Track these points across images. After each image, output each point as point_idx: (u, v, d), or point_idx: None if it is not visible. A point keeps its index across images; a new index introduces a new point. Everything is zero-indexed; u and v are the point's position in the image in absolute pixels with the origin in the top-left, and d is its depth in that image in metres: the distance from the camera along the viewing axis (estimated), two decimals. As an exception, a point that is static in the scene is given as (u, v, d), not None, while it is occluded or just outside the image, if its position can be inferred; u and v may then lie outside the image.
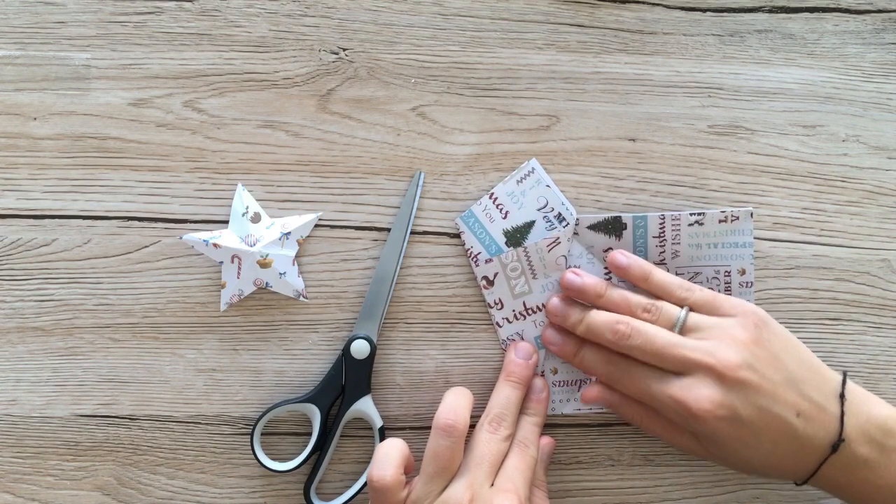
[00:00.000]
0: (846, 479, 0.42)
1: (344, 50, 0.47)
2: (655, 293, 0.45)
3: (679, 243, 0.47)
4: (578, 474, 0.48)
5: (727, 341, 0.41)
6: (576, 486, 0.48)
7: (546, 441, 0.46)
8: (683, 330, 0.43)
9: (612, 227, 0.47)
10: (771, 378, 0.41)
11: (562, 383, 0.47)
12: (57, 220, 0.46)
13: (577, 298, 0.46)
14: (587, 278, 0.46)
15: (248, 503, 0.47)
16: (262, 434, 0.46)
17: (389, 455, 0.42)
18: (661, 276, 0.45)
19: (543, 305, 0.47)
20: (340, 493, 0.46)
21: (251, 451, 0.46)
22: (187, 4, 0.47)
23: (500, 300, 0.47)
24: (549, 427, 0.48)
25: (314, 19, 0.47)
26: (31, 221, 0.46)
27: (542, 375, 0.47)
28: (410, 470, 0.43)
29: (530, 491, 0.43)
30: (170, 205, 0.47)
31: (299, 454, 0.46)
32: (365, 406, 0.46)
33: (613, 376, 0.44)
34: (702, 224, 0.47)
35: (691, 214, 0.47)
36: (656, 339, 0.42)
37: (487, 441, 0.43)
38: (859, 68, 0.49)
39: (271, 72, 0.47)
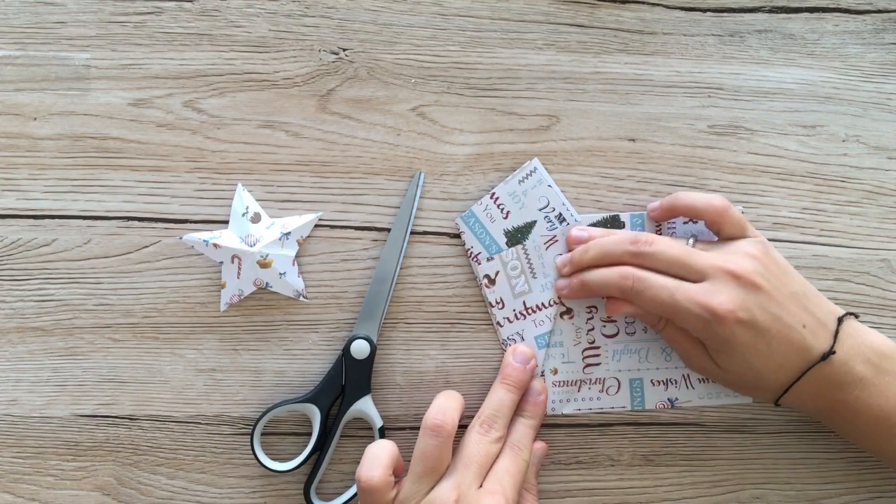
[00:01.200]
0: (841, 396, 0.42)
1: (344, 50, 0.47)
2: None
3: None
4: (578, 474, 0.48)
5: (739, 254, 0.43)
6: (576, 486, 0.48)
7: (539, 445, 0.46)
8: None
9: (611, 225, 0.47)
10: (780, 289, 0.42)
11: (562, 383, 0.47)
12: (57, 220, 0.46)
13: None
14: (593, 230, 0.46)
15: (248, 503, 0.47)
16: (262, 434, 0.46)
17: (378, 456, 0.42)
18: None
19: (543, 305, 0.47)
20: (340, 493, 0.46)
21: (251, 451, 0.46)
22: (187, 4, 0.47)
23: (501, 299, 0.47)
24: (549, 427, 0.48)
25: (314, 19, 0.47)
26: (31, 221, 0.46)
27: (542, 376, 0.47)
28: (400, 471, 0.43)
29: (520, 495, 0.43)
30: (170, 205, 0.47)
31: (299, 454, 0.46)
32: (365, 406, 0.46)
33: (631, 288, 0.43)
34: (696, 222, 0.47)
35: None
36: (673, 247, 0.43)
37: (477, 442, 0.43)
38: (859, 68, 0.49)
39: (271, 72, 0.47)
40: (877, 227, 0.49)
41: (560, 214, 0.47)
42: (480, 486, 0.42)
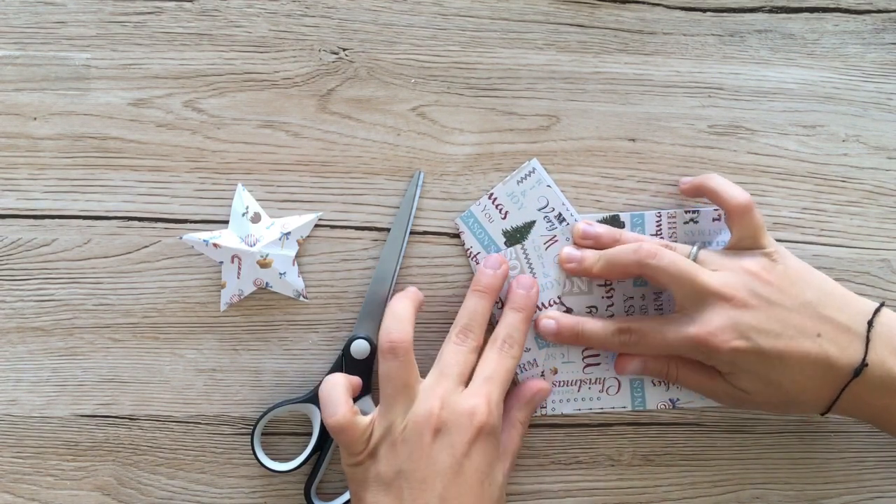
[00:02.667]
0: (885, 401, 0.41)
1: (344, 50, 0.47)
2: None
3: (676, 241, 0.47)
4: (578, 474, 0.48)
5: (738, 271, 0.42)
6: (576, 486, 0.48)
7: (540, 385, 0.46)
8: (696, 262, 0.44)
9: (611, 225, 0.47)
10: (783, 303, 0.41)
11: (562, 383, 0.47)
12: (57, 220, 0.46)
13: (592, 248, 0.46)
14: (599, 227, 0.46)
15: (248, 503, 0.47)
16: (262, 434, 0.46)
17: (332, 395, 0.41)
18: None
19: (543, 305, 0.47)
20: (341, 493, 0.46)
21: (251, 451, 0.46)
22: (187, 4, 0.47)
23: (500, 299, 0.47)
24: (549, 427, 0.48)
25: (314, 19, 0.47)
26: (31, 221, 0.46)
27: (543, 376, 0.47)
28: (358, 390, 0.44)
29: (506, 421, 0.43)
30: (170, 205, 0.47)
31: (299, 454, 0.46)
32: (365, 406, 0.46)
33: (624, 340, 0.44)
34: (696, 222, 0.47)
35: (686, 212, 0.47)
36: (679, 262, 0.42)
37: (454, 352, 0.42)
38: (859, 68, 0.49)
39: (271, 72, 0.47)
40: (877, 227, 0.49)
41: (560, 214, 0.47)
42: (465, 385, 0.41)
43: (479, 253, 0.47)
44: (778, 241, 0.48)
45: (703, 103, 0.48)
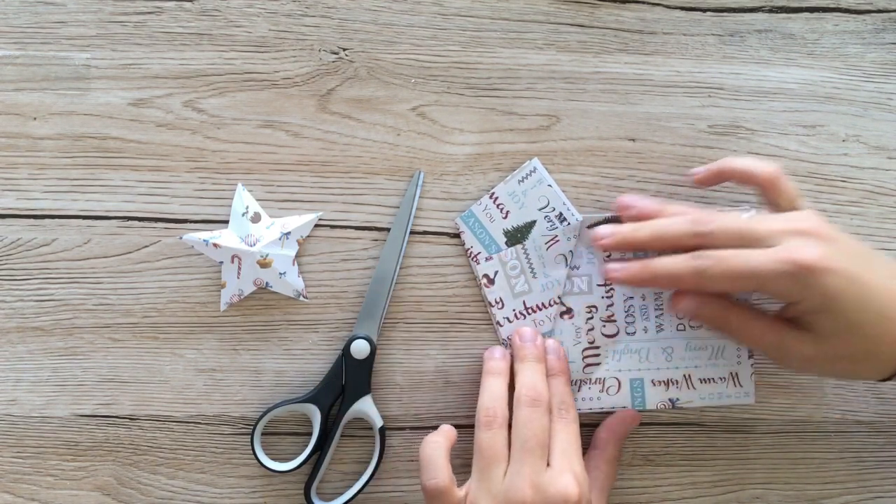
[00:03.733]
0: None
1: (344, 50, 0.47)
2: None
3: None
4: (578, 474, 0.48)
5: (802, 218, 0.41)
6: (576, 486, 0.48)
7: (632, 417, 0.46)
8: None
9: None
10: (853, 246, 0.41)
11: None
12: (57, 220, 0.46)
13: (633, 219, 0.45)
14: (642, 202, 0.45)
15: (248, 503, 0.47)
16: (262, 434, 0.46)
17: (433, 459, 0.42)
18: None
19: (543, 305, 0.47)
20: (341, 493, 0.46)
21: (251, 451, 0.46)
22: (187, 4, 0.47)
23: (500, 299, 0.47)
24: (549, 427, 0.48)
25: (314, 19, 0.47)
26: (31, 221, 0.46)
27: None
28: (454, 443, 0.44)
29: (599, 464, 0.44)
30: (170, 205, 0.47)
31: (299, 454, 0.46)
32: (365, 406, 0.46)
33: (704, 269, 0.40)
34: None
35: None
36: (738, 220, 0.41)
37: (529, 419, 0.42)
38: (859, 68, 0.49)
39: (271, 72, 0.47)
40: (877, 227, 0.49)
41: (560, 214, 0.47)
42: (547, 464, 0.41)
43: (479, 252, 0.47)
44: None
45: (703, 103, 0.48)
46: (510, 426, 0.43)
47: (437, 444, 0.43)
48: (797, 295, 0.39)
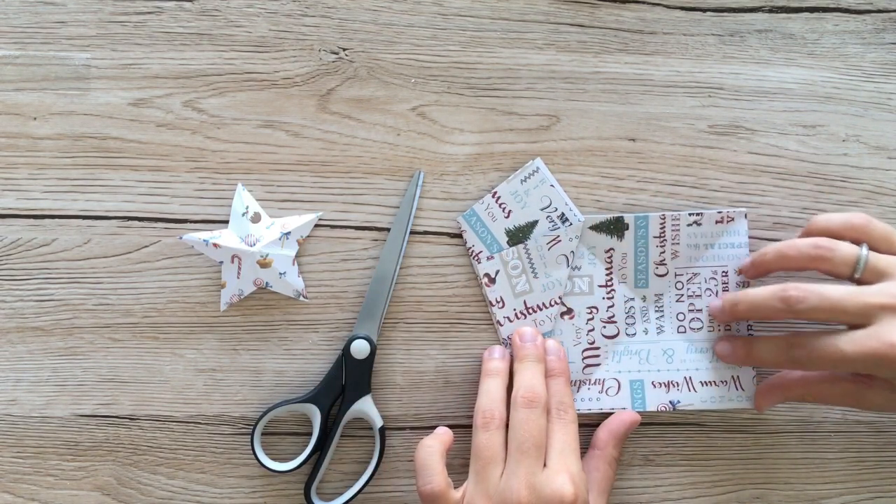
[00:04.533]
0: None
1: (344, 50, 0.47)
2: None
3: (678, 243, 0.47)
4: (578, 474, 0.48)
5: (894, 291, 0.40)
6: (576, 486, 0.48)
7: (632, 419, 0.46)
8: (866, 270, 0.41)
9: (615, 227, 0.47)
10: None
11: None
12: (57, 220, 0.46)
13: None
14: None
15: (248, 503, 0.47)
16: (262, 434, 0.46)
17: (427, 463, 0.42)
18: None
19: (544, 305, 0.47)
20: (341, 493, 0.46)
21: (251, 451, 0.46)
22: (187, 4, 0.47)
23: (501, 298, 0.47)
24: (549, 427, 0.48)
25: (314, 19, 0.47)
26: (31, 221, 0.46)
27: None
28: (450, 448, 0.44)
29: (598, 464, 0.44)
30: (170, 205, 0.47)
31: (299, 454, 0.46)
32: (365, 406, 0.46)
33: (797, 357, 0.42)
34: (700, 224, 0.47)
35: (690, 214, 0.47)
36: (832, 293, 0.40)
37: (526, 420, 0.42)
38: (859, 68, 0.49)
39: (271, 72, 0.47)
40: (877, 227, 0.49)
41: (562, 214, 0.47)
42: (544, 464, 0.41)
43: (480, 252, 0.47)
44: (778, 241, 0.48)
45: (703, 103, 0.48)
46: (508, 427, 0.43)
47: (432, 449, 0.43)
48: (888, 374, 0.40)
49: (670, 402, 0.47)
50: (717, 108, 0.48)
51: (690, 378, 0.47)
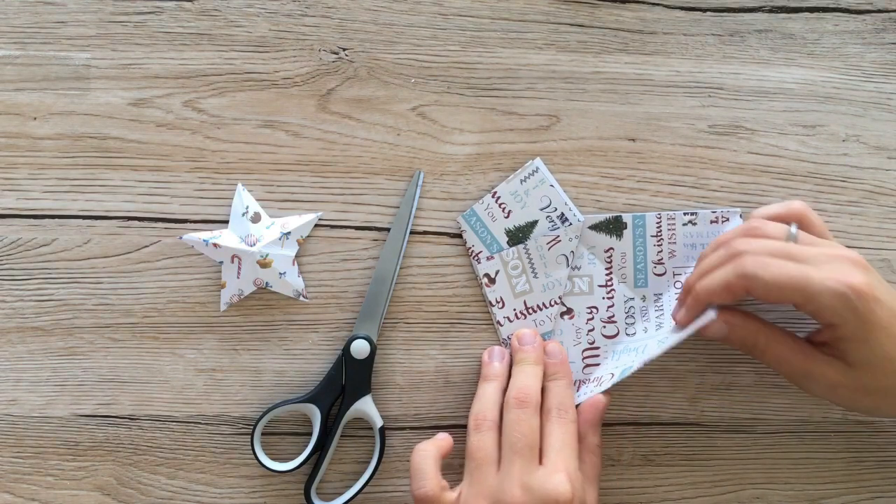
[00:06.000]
0: None
1: (344, 50, 0.47)
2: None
3: (675, 243, 0.47)
4: (578, 474, 0.48)
5: (845, 249, 0.40)
6: (576, 486, 0.48)
7: (599, 401, 0.45)
8: (798, 240, 0.41)
9: (613, 226, 0.47)
10: (889, 286, 0.40)
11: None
12: (57, 220, 0.46)
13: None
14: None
15: (248, 503, 0.47)
16: (262, 434, 0.46)
17: (422, 468, 0.42)
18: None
19: (544, 304, 0.47)
20: (341, 493, 0.46)
21: (251, 451, 0.46)
22: (187, 4, 0.47)
23: (501, 298, 0.47)
24: (549, 427, 0.48)
25: (314, 19, 0.47)
26: (31, 221, 0.46)
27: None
28: (448, 454, 0.44)
29: (582, 455, 0.43)
30: (170, 205, 0.47)
31: (299, 454, 0.46)
32: (365, 406, 0.46)
33: (754, 273, 0.39)
34: (695, 224, 0.47)
35: (685, 214, 0.47)
36: (781, 242, 0.40)
37: (517, 420, 0.42)
38: (859, 68, 0.49)
39: (271, 72, 0.47)
40: (877, 227, 0.49)
41: (562, 214, 0.47)
42: (540, 462, 0.41)
43: (480, 252, 0.47)
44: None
45: (703, 103, 0.48)
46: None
47: (426, 453, 0.43)
48: (840, 317, 0.38)
49: None
50: (717, 108, 0.48)
51: None
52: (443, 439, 0.45)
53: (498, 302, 0.47)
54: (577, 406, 0.45)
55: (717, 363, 0.48)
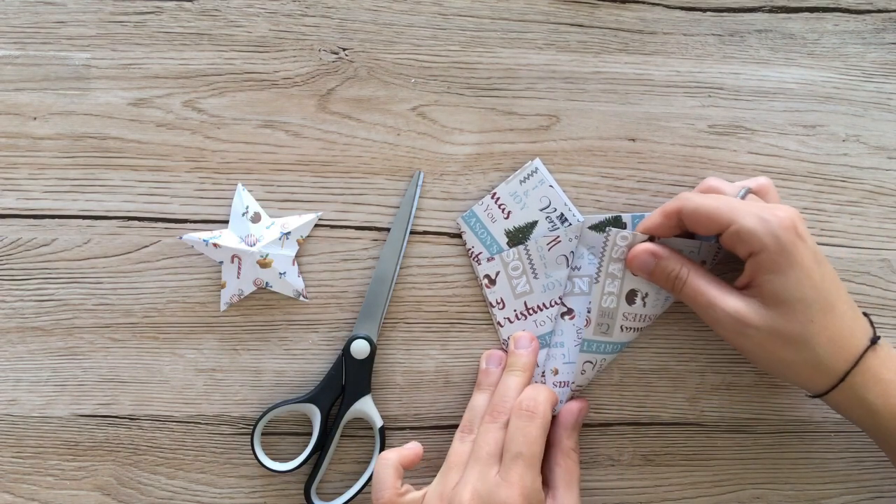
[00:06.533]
0: (891, 375, 0.40)
1: (344, 50, 0.47)
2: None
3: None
4: (578, 474, 0.48)
5: (788, 207, 0.41)
6: (576, 486, 0.48)
7: (579, 407, 0.45)
8: (748, 197, 0.43)
9: (613, 225, 0.47)
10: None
11: (562, 384, 0.47)
12: (57, 220, 0.46)
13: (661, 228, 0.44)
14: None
15: (248, 503, 0.47)
16: (262, 434, 0.46)
17: (380, 475, 0.43)
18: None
19: (545, 305, 0.47)
20: (341, 493, 0.46)
21: (251, 451, 0.46)
22: (187, 4, 0.47)
23: (501, 300, 0.47)
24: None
25: (314, 19, 0.47)
26: (31, 221, 0.46)
27: (543, 377, 0.47)
28: (410, 467, 0.44)
29: (553, 461, 0.44)
30: (170, 205, 0.47)
31: (299, 454, 0.46)
32: (365, 406, 0.46)
33: (684, 202, 0.41)
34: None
35: None
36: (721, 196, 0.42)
37: (486, 431, 0.43)
38: (859, 68, 0.49)
39: (271, 72, 0.47)
40: (877, 227, 0.49)
41: (562, 215, 0.47)
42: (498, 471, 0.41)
43: (480, 253, 0.47)
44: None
45: (703, 103, 0.48)
46: None
47: (387, 462, 0.43)
48: (760, 243, 0.39)
49: None
50: (717, 108, 0.48)
51: None
52: (409, 448, 0.45)
53: (498, 303, 0.47)
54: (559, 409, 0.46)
55: (717, 363, 0.48)
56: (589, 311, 0.45)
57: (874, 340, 0.41)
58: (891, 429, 0.41)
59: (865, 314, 0.42)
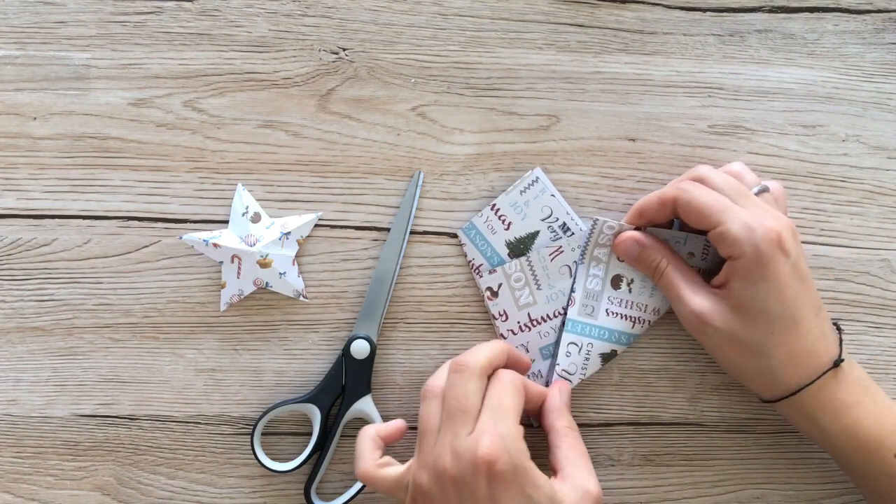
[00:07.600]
0: (848, 398, 0.41)
1: (344, 50, 0.47)
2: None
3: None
4: (578, 474, 0.48)
5: (782, 216, 0.42)
6: (576, 486, 0.48)
7: (559, 385, 0.45)
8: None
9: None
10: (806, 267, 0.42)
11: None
12: (57, 220, 0.46)
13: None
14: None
15: (248, 503, 0.47)
16: (262, 434, 0.46)
17: (358, 449, 0.43)
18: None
19: (549, 316, 0.47)
20: (341, 493, 0.46)
21: (251, 451, 0.46)
22: (187, 4, 0.47)
23: (504, 311, 0.47)
24: (549, 427, 0.48)
25: (314, 19, 0.47)
26: (31, 221, 0.46)
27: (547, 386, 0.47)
28: (391, 440, 0.44)
29: (555, 441, 0.42)
30: (170, 205, 0.47)
31: (299, 454, 0.46)
32: (365, 406, 0.46)
33: (682, 191, 0.42)
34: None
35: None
36: (710, 193, 0.42)
37: (453, 383, 0.40)
38: (859, 68, 0.49)
39: (271, 72, 0.47)
40: (877, 227, 0.49)
41: (564, 224, 0.47)
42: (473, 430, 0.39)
43: (481, 265, 0.47)
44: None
45: (703, 103, 0.48)
46: None
47: (365, 434, 0.43)
48: (740, 250, 0.40)
49: None
50: (717, 108, 0.48)
51: None
52: (391, 422, 0.44)
53: (501, 315, 0.47)
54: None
55: (717, 363, 0.48)
56: (573, 292, 0.45)
57: (837, 363, 0.41)
58: (840, 446, 0.42)
59: (839, 333, 0.43)
